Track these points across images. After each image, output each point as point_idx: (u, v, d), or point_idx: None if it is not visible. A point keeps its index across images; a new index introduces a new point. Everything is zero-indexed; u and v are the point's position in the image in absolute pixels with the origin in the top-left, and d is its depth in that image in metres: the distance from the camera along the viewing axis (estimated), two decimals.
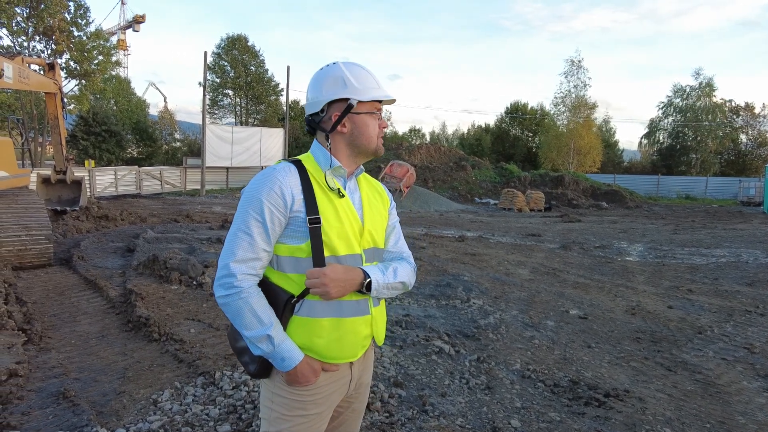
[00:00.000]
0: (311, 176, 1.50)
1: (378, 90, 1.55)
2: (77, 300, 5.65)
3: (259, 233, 1.41)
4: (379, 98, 1.54)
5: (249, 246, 1.41)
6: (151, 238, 9.55)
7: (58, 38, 21.61)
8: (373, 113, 1.55)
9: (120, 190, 20.91)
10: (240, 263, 1.41)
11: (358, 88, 1.51)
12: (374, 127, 1.55)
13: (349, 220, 1.50)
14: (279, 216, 1.42)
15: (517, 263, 8.57)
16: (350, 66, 1.55)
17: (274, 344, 1.40)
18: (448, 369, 3.88)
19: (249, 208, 1.42)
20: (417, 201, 22.73)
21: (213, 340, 4.37)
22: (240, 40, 37.84)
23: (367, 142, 1.55)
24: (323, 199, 1.48)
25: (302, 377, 1.45)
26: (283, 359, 1.42)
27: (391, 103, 1.64)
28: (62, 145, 11.50)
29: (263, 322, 1.40)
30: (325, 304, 1.46)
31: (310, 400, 1.49)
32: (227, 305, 1.41)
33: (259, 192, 1.42)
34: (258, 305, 1.41)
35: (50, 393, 3.32)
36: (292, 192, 1.43)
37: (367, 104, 1.53)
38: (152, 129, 37.74)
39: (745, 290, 6.93)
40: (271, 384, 1.51)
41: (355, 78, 1.52)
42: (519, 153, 45.49)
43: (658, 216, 21.01)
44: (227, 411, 3.11)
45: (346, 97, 1.50)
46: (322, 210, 1.45)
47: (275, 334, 1.41)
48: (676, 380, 3.84)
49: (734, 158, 42.39)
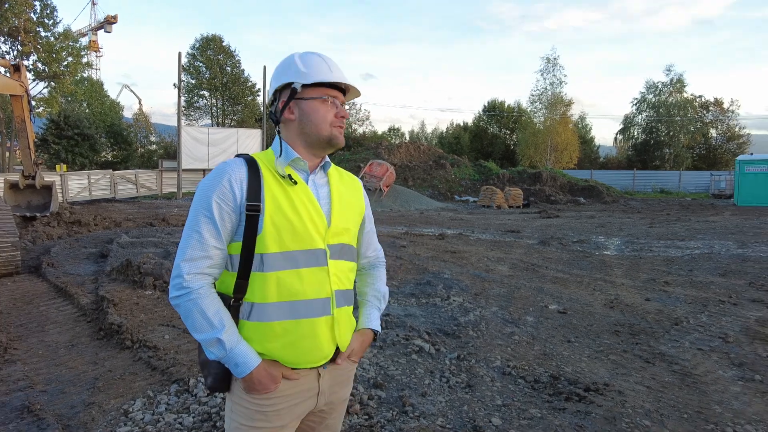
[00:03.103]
0: (263, 166, 1.41)
1: (327, 74, 1.44)
2: (46, 309, 5.46)
3: (208, 230, 1.34)
4: (326, 80, 1.43)
5: (198, 244, 1.34)
6: (125, 242, 9.31)
7: (23, 39, 20.99)
8: (324, 99, 1.44)
9: (94, 195, 20.44)
10: (189, 262, 1.33)
11: (303, 72, 1.43)
12: (325, 114, 1.45)
13: (309, 212, 1.40)
14: (228, 211, 1.35)
15: (497, 260, 8.60)
16: (304, 54, 1.48)
17: (225, 349, 1.31)
18: (428, 368, 3.84)
19: (199, 206, 1.36)
20: (397, 200, 22.72)
21: (188, 346, 4.26)
22: (215, 40, 37.35)
23: (316, 130, 1.44)
24: (277, 190, 1.39)
25: (259, 384, 1.35)
26: (236, 365, 1.33)
27: (356, 95, 1.55)
28: (30, 149, 11.16)
29: (213, 325, 1.31)
30: (277, 306, 1.36)
31: (272, 410, 1.40)
32: (178, 306, 1.34)
33: (209, 188, 1.36)
34: (208, 307, 1.32)
35: (14, 407, 3.17)
36: (241, 185, 1.36)
37: (315, 89, 1.44)
38: (127, 132, 37.00)
39: (718, 281, 7.07)
40: (232, 394, 1.43)
41: (304, 63, 1.45)
42: (497, 150, 45.91)
43: (635, 210, 21.39)
44: (201, 419, 3.02)
45: (290, 81, 1.43)
46: (273, 200, 1.37)
47: (227, 338, 1.31)
48: (654, 372, 3.87)
49: (705, 152, 43.50)
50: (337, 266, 1.46)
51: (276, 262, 1.36)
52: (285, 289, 1.36)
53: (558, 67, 40.33)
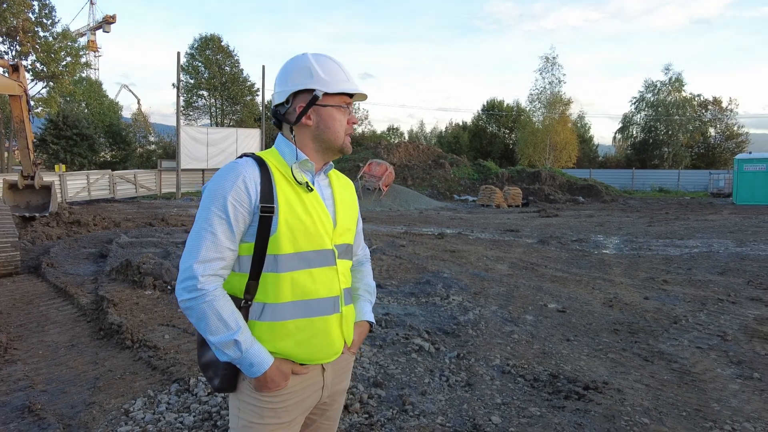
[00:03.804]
0: (275, 169, 1.41)
1: (347, 83, 1.46)
2: (46, 309, 5.46)
3: (222, 231, 1.33)
4: (347, 91, 1.46)
5: (212, 245, 1.32)
6: (124, 242, 9.31)
7: (22, 39, 20.97)
8: (342, 107, 1.46)
9: (93, 195, 20.42)
10: (203, 264, 1.31)
11: (325, 80, 1.43)
12: (342, 122, 1.46)
13: (319, 215, 1.42)
14: (243, 212, 1.34)
15: (496, 259, 8.61)
16: (319, 57, 1.47)
17: (241, 350, 1.31)
18: (428, 367, 3.85)
19: (212, 205, 1.33)
20: (396, 199, 22.73)
21: (188, 346, 4.26)
22: (213, 40, 37.31)
23: (333, 137, 1.46)
24: (289, 192, 1.40)
25: (272, 382, 1.36)
26: (251, 365, 1.33)
27: (363, 99, 1.56)
28: (29, 149, 11.16)
29: (230, 326, 1.31)
30: (292, 305, 1.38)
31: (281, 407, 1.41)
32: (191, 309, 1.31)
33: (222, 187, 1.34)
34: (224, 309, 1.31)
35: (15, 407, 3.18)
36: (256, 186, 1.36)
37: (334, 97, 1.44)
38: (126, 132, 36.96)
39: (717, 279, 7.09)
40: (239, 393, 1.43)
41: (323, 69, 1.44)
42: (496, 150, 45.92)
43: (634, 209, 21.42)
44: (202, 418, 3.03)
45: (312, 88, 1.42)
46: (287, 202, 1.38)
47: (243, 338, 1.31)
48: (653, 370, 3.89)
49: (704, 151, 43.53)
50: (343, 265, 1.51)
51: (290, 263, 1.37)
52: (299, 288, 1.38)
53: (557, 67, 40.38)
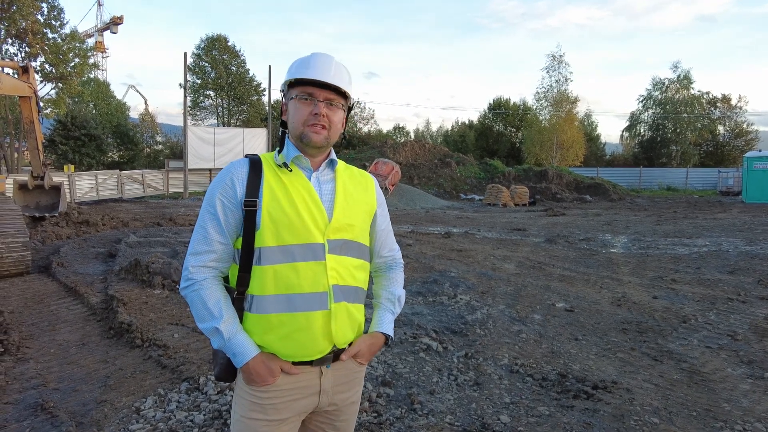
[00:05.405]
0: (266, 164, 1.48)
1: (303, 71, 1.43)
2: (57, 308, 5.52)
3: (212, 225, 1.43)
4: (301, 77, 1.42)
5: (203, 239, 1.43)
6: (133, 242, 9.38)
7: (31, 40, 21.14)
8: (305, 99, 1.44)
9: (101, 195, 20.57)
10: (194, 256, 1.43)
11: (290, 72, 1.48)
12: (302, 111, 1.44)
13: (307, 206, 1.42)
14: (231, 207, 1.43)
15: (503, 258, 8.59)
16: (307, 55, 1.50)
17: (224, 338, 1.38)
18: (436, 366, 3.86)
19: (205, 203, 1.46)
20: (403, 198, 22.73)
21: (197, 345, 4.30)
22: (220, 40, 37.43)
23: (293, 128, 1.48)
24: (275, 183, 1.44)
25: (256, 375, 1.39)
26: (234, 354, 1.39)
27: (325, 87, 1.43)
28: (39, 150, 11.26)
29: (213, 314, 1.39)
30: (274, 298, 1.40)
31: (268, 404, 1.43)
32: (185, 297, 1.44)
33: (214, 187, 1.46)
34: (209, 297, 1.40)
35: (28, 405, 3.22)
36: (242, 182, 1.43)
37: (296, 88, 1.45)
38: (133, 132, 37.19)
39: (726, 278, 7.04)
40: (236, 386, 1.50)
41: (297, 64, 1.47)
42: (503, 148, 45.77)
43: (641, 208, 21.29)
44: (212, 416, 3.05)
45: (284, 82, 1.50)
46: (271, 194, 1.42)
47: (225, 328, 1.38)
48: (662, 370, 3.87)
49: (713, 149, 43.16)
50: (338, 261, 1.45)
51: (273, 256, 1.40)
52: (281, 282, 1.40)
53: (564, 65, 40.15)
